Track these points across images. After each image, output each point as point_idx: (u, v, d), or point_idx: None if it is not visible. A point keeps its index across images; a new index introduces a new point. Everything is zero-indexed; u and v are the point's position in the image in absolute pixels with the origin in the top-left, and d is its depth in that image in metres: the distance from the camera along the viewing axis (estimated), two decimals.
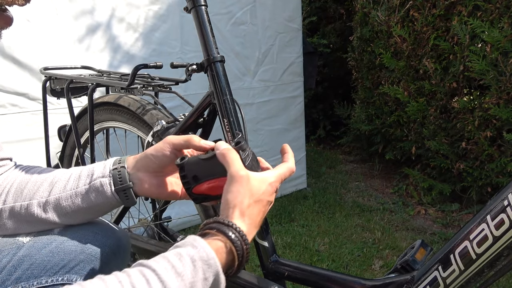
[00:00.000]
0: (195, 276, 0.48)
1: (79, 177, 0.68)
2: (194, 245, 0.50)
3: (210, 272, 0.49)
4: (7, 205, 0.68)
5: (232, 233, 0.53)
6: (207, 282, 0.49)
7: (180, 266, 0.47)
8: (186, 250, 0.50)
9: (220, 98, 0.84)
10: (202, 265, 0.48)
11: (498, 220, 0.59)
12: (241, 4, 2.31)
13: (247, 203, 0.56)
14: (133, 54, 1.98)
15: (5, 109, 1.66)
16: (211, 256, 0.49)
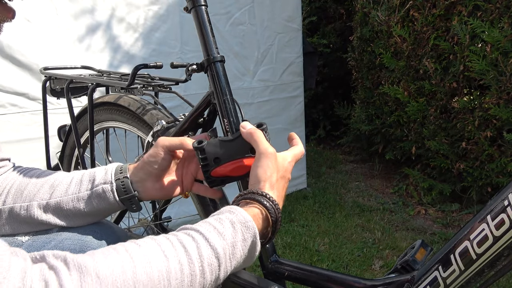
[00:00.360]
0: (235, 237, 0.51)
1: (81, 182, 0.69)
2: (232, 211, 0.54)
3: (248, 234, 0.52)
4: (7, 206, 0.68)
5: (266, 202, 0.57)
6: (246, 243, 0.52)
7: (221, 227, 0.51)
8: (224, 215, 0.54)
9: (220, 98, 0.84)
10: (241, 227, 0.52)
11: (499, 220, 0.59)
12: (239, 4, 2.31)
13: (275, 178, 0.60)
14: (133, 54, 1.98)
15: (5, 109, 1.66)
16: (248, 219, 0.53)
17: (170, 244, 0.48)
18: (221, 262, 0.49)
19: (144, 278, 0.43)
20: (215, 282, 0.50)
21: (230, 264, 0.51)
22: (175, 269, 0.46)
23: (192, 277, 0.47)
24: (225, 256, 0.50)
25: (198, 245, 0.48)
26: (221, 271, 0.50)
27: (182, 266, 0.46)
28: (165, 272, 0.45)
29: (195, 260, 0.47)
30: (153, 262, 0.45)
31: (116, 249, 0.45)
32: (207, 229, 0.51)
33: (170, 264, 0.46)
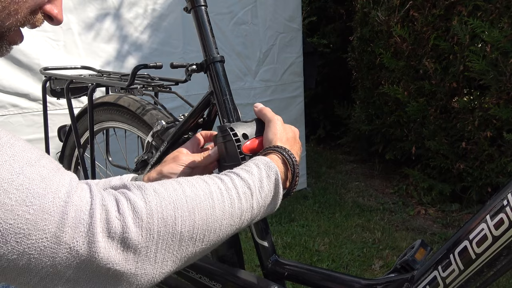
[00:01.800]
0: (261, 174, 0.59)
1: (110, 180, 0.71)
2: (254, 158, 0.63)
3: (271, 171, 0.60)
4: None
5: (281, 149, 0.65)
6: (270, 179, 0.60)
7: (247, 167, 0.60)
8: (249, 162, 0.62)
9: (220, 98, 0.84)
10: (264, 166, 0.60)
11: (498, 220, 0.59)
12: (242, 4, 2.31)
13: (285, 137, 0.69)
14: (134, 54, 1.98)
15: (6, 110, 1.66)
16: (269, 160, 0.62)
17: (209, 177, 0.57)
18: (253, 192, 0.57)
19: (192, 194, 0.51)
20: (250, 210, 0.57)
21: (260, 196, 0.58)
22: (215, 191, 0.54)
23: (231, 200, 0.54)
24: (255, 187, 0.58)
25: (232, 177, 0.57)
26: (254, 200, 0.57)
27: (221, 190, 0.54)
28: (208, 193, 0.53)
29: (231, 187, 0.55)
30: (197, 185, 0.53)
31: (165, 180, 0.54)
32: (236, 170, 0.59)
33: (211, 187, 0.54)
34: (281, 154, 0.64)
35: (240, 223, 0.56)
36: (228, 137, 0.68)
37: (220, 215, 0.52)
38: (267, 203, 0.60)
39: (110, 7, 1.86)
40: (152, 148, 0.99)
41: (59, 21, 0.57)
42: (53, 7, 0.55)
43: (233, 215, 0.54)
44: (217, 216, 0.52)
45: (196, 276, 0.89)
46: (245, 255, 1.89)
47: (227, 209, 0.53)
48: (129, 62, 1.96)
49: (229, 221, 0.54)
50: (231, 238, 0.91)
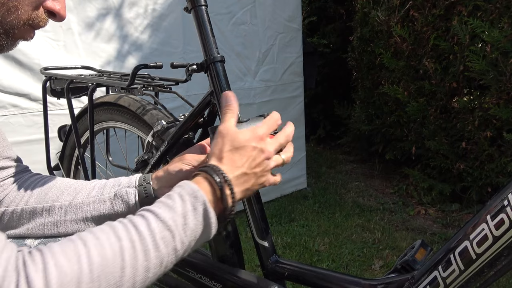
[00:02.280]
0: (185, 208, 0.54)
1: (104, 186, 0.72)
2: (180, 185, 0.57)
3: (198, 203, 0.55)
4: (29, 206, 0.70)
5: (209, 168, 0.59)
6: (196, 213, 0.54)
7: (170, 202, 0.54)
8: (173, 191, 0.57)
9: (220, 98, 0.84)
10: (189, 198, 0.55)
11: (498, 220, 0.59)
12: (241, 4, 2.31)
13: (226, 150, 0.60)
14: (134, 54, 1.98)
15: (6, 110, 1.66)
16: (196, 189, 0.56)
17: (122, 225, 0.51)
18: (174, 233, 0.52)
19: (99, 259, 0.46)
20: (174, 253, 0.53)
21: (184, 234, 0.53)
22: (127, 247, 0.49)
23: (146, 252, 0.50)
24: (177, 227, 0.52)
25: (148, 222, 0.51)
26: (177, 242, 0.52)
27: (133, 243, 0.49)
28: (118, 251, 0.48)
29: (147, 236, 0.50)
30: (106, 244, 0.48)
31: (71, 239, 0.49)
32: (156, 206, 0.54)
33: (122, 243, 0.49)
34: (209, 175, 0.58)
35: (162, 269, 0.52)
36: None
37: (132, 273, 0.48)
38: (197, 237, 0.55)
39: (110, 7, 1.86)
40: (153, 148, 0.99)
41: (62, 17, 0.57)
42: (55, 3, 0.55)
43: (149, 268, 0.50)
44: (128, 275, 0.48)
45: (196, 276, 0.89)
46: (245, 255, 1.89)
47: (141, 263, 0.49)
48: (129, 62, 1.96)
49: (145, 274, 0.50)
50: (231, 238, 0.91)
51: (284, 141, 0.65)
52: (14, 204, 0.71)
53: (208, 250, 0.98)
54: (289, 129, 0.67)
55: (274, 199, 2.66)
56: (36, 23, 0.54)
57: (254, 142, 0.61)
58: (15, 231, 0.71)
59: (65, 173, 1.34)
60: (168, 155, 0.95)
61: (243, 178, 0.60)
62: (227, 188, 0.58)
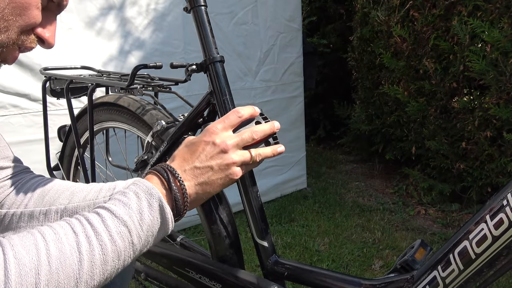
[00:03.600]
0: (140, 205, 0.55)
1: (100, 190, 0.71)
2: (135, 183, 0.58)
3: (153, 199, 0.56)
4: (27, 209, 0.71)
5: (160, 167, 0.61)
6: (152, 208, 0.56)
7: (126, 199, 0.56)
8: (129, 188, 0.58)
9: (219, 98, 0.84)
10: (144, 195, 0.56)
11: (497, 220, 0.59)
12: (242, 4, 2.31)
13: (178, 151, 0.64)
14: (135, 54, 1.98)
15: (6, 110, 1.66)
16: (150, 186, 0.57)
17: (78, 222, 0.53)
18: (131, 228, 0.54)
19: (57, 253, 0.48)
20: (131, 247, 0.54)
21: (141, 229, 0.55)
22: (83, 242, 0.50)
23: (102, 247, 0.51)
24: (133, 222, 0.54)
25: (103, 218, 0.53)
26: (134, 236, 0.54)
27: (89, 238, 0.51)
28: (75, 245, 0.50)
29: (102, 231, 0.52)
30: (64, 238, 0.50)
31: (31, 232, 0.51)
32: (112, 203, 0.56)
33: (78, 237, 0.51)
34: (158, 173, 0.60)
35: (121, 263, 0.53)
36: None
37: (89, 267, 0.50)
38: (155, 232, 0.57)
39: (110, 6, 1.87)
40: (152, 148, 0.99)
41: (50, 45, 0.59)
42: (46, 30, 0.57)
43: (106, 261, 0.51)
44: (86, 268, 0.50)
45: (196, 276, 0.89)
46: (245, 255, 1.89)
47: (98, 257, 0.51)
48: (130, 62, 1.96)
49: (103, 267, 0.51)
50: (231, 238, 0.91)
51: (247, 136, 0.65)
52: (15, 206, 0.71)
53: (208, 250, 0.98)
54: (260, 126, 0.68)
55: (274, 199, 2.66)
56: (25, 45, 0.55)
57: (205, 138, 0.63)
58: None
59: (64, 173, 1.34)
60: (168, 155, 0.96)
61: (195, 171, 0.62)
62: (176, 182, 0.60)
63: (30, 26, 0.54)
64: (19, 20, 0.52)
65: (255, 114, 0.69)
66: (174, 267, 0.94)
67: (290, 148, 2.68)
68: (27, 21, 0.52)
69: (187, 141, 0.65)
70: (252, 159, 0.65)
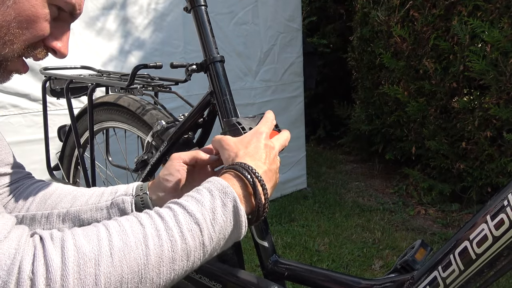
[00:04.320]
0: (214, 203, 0.52)
1: (102, 194, 0.71)
2: (209, 181, 0.56)
3: (227, 199, 0.53)
4: (29, 213, 0.70)
5: (239, 166, 0.58)
6: (226, 208, 0.53)
7: (199, 196, 0.53)
8: (203, 185, 0.56)
9: (219, 98, 0.84)
10: (219, 193, 0.53)
11: (498, 220, 0.59)
12: (243, 3, 2.31)
13: (242, 150, 0.61)
14: (135, 54, 1.98)
15: (6, 110, 1.66)
16: (226, 185, 0.54)
17: (147, 215, 0.50)
18: (202, 227, 0.50)
19: (120, 244, 0.46)
20: (201, 248, 0.51)
21: (213, 229, 0.51)
22: (152, 235, 0.48)
23: (172, 242, 0.48)
24: (205, 221, 0.51)
25: (175, 213, 0.50)
26: (205, 236, 0.51)
27: (159, 232, 0.48)
28: (142, 238, 0.47)
29: (173, 226, 0.49)
30: (129, 230, 0.47)
31: (96, 225, 0.49)
32: (184, 199, 0.53)
33: (146, 230, 0.48)
34: (239, 172, 0.57)
35: (189, 264, 0.50)
36: (237, 130, 0.69)
37: (157, 262, 0.47)
38: (226, 235, 0.53)
39: (111, 6, 1.86)
40: (152, 148, 0.99)
41: (63, 55, 0.57)
42: (57, 41, 0.55)
43: (175, 259, 0.48)
44: (152, 264, 0.47)
45: (196, 276, 0.89)
46: (245, 255, 1.89)
47: (166, 253, 0.48)
48: (130, 61, 1.96)
49: (170, 266, 0.48)
50: None
51: (285, 143, 0.67)
52: (16, 210, 0.71)
53: None
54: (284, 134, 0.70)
55: (274, 199, 2.66)
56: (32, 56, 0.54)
57: (263, 140, 0.62)
58: None
59: (64, 173, 1.34)
60: (168, 155, 0.95)
61: (269, 174, 0.60)
62: (259, 185, 0.57)
63: (38, 39, 0.52)
64: (26, 33, 0.50)
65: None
66: None
67: (290, 148, 2.67)
68: (34, 34, 0.51)
69: (243, 141, 0.62)
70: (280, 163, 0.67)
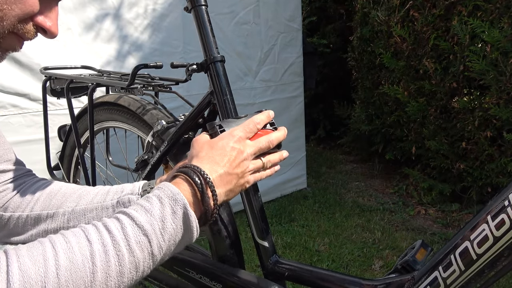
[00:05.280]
0: (163, 211, 0.52)
1: (108, 192, 0.71)
2: (159, 187, 0.55)
3: (177, 206, 0.53)
4: (34, 213, 0.70)
5: (189, 168, 0.57)
6: (176, 216, 0.52)
7: (148, 205, 0.52)
8: (153, 193, 0.55)
9: (220, 98, 0.84)
10: (168, 200, 0.53)
11: (499, 221, 0.59)
12: (244, 3, 2.30)
13: (204, 151, 0.60)
14: (135, 54, 1.98)
15: (6, 110, 1.66)
16: (176, 191, 0.53)
17: (94, 228, 0.49)
18: (151, 238, 0.50)
19: (67, 263, 0.45)
20: (150, 258, 0.51)
21: (162, 238, 0.51)
22: (99, 251, 0.47)
23: (119, 257, 0.48)
24: (154, 231, 0.50)
25: (123, 225, 0.50)
26: (154, 246, 0.50)
27: (106, 247, 0.47)
28: (89, 255, 0.46)
29: (120, 240, 0.48)
30: (76, 247, 0.46)
31: (41, 241, 0.47)
32: (133, 208, 0.52)
33: (93, 247, 0.47)
34: (188, 176, 0.56)
35: (139, 274, 0.50)
36: (217, 133, 0.67)
37: (104, 278, 0.46)
38: (177, 241, 0.53)
39: (110, 7, 1.86)
40: (152, 148, 0.99)
41: (53, 34, 0.55)
42: (46, 19, 0.53)
43: (123, 273, 0.48)
44: (99, 281, 0.46)
45: (196, 276, 0.89)
46: (245, 255, 1.89)
47: (113, 268, 0.47)
48: (130, 62, 1.96)
49: (119, 279, 0.48)
50: (231, 238, 0.91)
51: (264, 146, 0.64)
52: (20, 210, 0.70)
53: (208, 250, 0.98)
54: (276, 134, 0.66)
55: (274, 199, 2.65)
56: (21, 33, 0.52)
57: (232, 143, 0.61)
58: (19, 238, 0.70)
59: (65, 173, 1.34)
60: (168, 155, 0.95)
61: (226, 178, 0.59)
62: (208, 190, 0.56)
63: (28, 15, 0.51)
64: (15, 8, 0.49)
65: (269, 120, 0.68)
66: (174, 267, 0.94)
67: (290, 148, 2.67)
68: (23, 10, 0.50)
69: (212, 142, 0.61)
70: (264, 166, 0.65)
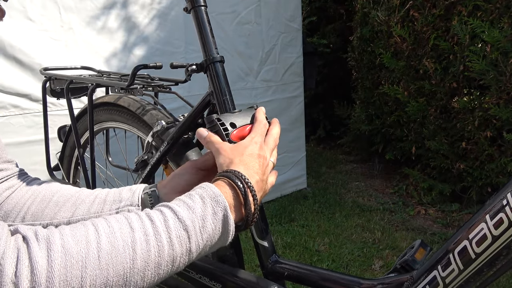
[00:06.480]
0: (205, 210, 0.53)
1: (104, 201, 0.68)
2: (202, 187, 0.56)
3: (218, 207, 0.53)
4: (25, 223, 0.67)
5: (231, 173, 0.58)
6: (216, 216, 0.53)
7: (191, 202, 0.53)
8: (195, 191, 0.56)
9: (219, 98, 0.84)
10: (210, 201, 0.54)
11: (497, 220, 0.59)
12: (245, 3, 2.30)
13: (237, 158, 0.61)
14: (135, 54, 1.98)
15: (6, 111, 1.66)
16: (218, 193, 0.54)
17: (138, 217, 0.50)
18: (191, 234, 0.51)
19: (108, 247, 0.46)
20: (187, 254, 0.51)
21: (201, 237, 0.52)
22: (140, 239, 0.48)
23: (160, 248, 0.48)
24: (195, 228, 0.51)
25: (166, 218, 0.50)
26: (192, 243, 0.51)
27: (147, 236, 0.48)
28: (130, 242, 0.47)
29: (162, 231, 0.49)
30: (118, 233, 0.47)
31: (84, 223, 0.48)
32: (176, 203, 0.53)
33: (135, 234, 0.48)
34: (231, 181, 0.57)
35: (174, 269, 0.51)
36: (216, 127, 0.68)
37: (143, 267, 0.47)
38: (213, 242, 0.54)
39: (111, 6, 1.87)
40: (152, 148, 0.99)
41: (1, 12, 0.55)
42: None
43: (160, 264, 0.49)
44: (138, 268, 0.47)
45: (196, 276, 0.89)
46: (245, 255, 1.90)
47: (153, 258, 0.48)
48: (130, 61, 1.96)
49: (155, 270, 0.48)
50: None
51: (273, 146, 0.67)
52: (10, 219, 0.68)
53: None
54: (275, 130, 0.69)
55: (274, 199, 2.66)
56: None
57: (257, 150, 0.63)
58: None
59: (64, 173, 1.34)
60: (168, 155, 0.96)
61: (260, 184, 0.61)
62: (250, 195, 0.57)
63: None
64: None
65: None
66: None
67: (290, 148, 2.68)
68: None
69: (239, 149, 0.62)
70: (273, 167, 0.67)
